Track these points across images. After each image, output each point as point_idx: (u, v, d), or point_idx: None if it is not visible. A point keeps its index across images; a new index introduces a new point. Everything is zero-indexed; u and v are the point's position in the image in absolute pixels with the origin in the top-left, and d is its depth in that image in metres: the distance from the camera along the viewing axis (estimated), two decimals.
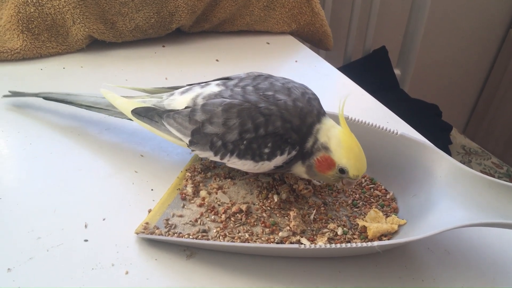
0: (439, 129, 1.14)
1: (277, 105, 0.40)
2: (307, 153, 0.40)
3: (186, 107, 0.44)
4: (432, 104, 1.18)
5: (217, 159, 0.43)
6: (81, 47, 0.70)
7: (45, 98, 0.55)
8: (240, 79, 0.44)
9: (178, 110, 0.44)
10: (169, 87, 0.50)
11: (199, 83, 0.46)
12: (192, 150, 0.44)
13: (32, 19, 0.65)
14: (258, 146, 0.40)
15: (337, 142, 0.39)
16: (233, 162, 0.42)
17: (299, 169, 0.42)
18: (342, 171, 0.40)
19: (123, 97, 0.48)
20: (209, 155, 0.43)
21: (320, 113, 0.42)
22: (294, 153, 0.40)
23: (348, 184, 0.41)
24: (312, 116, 0.40)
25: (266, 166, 0.41)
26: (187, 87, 0.46)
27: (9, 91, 0.57)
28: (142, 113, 0.46)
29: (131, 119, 0.47)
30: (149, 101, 0.47)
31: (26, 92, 0.56)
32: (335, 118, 0.50)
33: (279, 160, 0.41)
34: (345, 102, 0.40)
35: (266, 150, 0.40)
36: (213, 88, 0.44)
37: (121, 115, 0.49)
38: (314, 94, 0.44)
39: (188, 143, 0.43)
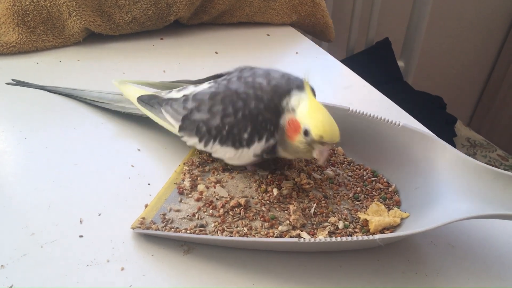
0: (444, 122, 1.13)
1: (253, 87, 0.41)
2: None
3: (183, 96, 0.46)
4: (436, 96, 1.17)
5: (201, 146, 0.45)
6: (77, 40, 0.69)
7: (50, 91, 0.56)
8: (229, 74, 0.46)
9: (176, 98, 0.47)
10: (173, 81, 0.52)
11: (194, 83, 0.49)
12: (181, 137, 0.46)
13: (28, 12, 0.64)
14: (238, 131, 0.41)
15: (303, 106, 0.39)
16: (216, 150, 0.44)
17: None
18: (306, 132, 0.38)
19: (132, 86, 0.51)
20: (194, 141, 0.45)
21: (300, 87, 0.41)
22: (272, 141, 0.41)
23: (320, 154, 0.39)
24: (285, 90, 0.41)
25: (246, 154, 0.42)
26: (183, 86, 0.49)
27: (12, 79, 0.57)
28: (146, 100, 0.48)
29: (131, 113, 0.51)
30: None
31: (31, 82, 0.56)
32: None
33: (257, 147, 0.41)
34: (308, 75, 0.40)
35: (245, 136, 0.41)
36: (205, 86, 0.46)
37: (122, 108, 0.52)
38: (296, 78, 0.43)
39: (178, 128, 0.45)
